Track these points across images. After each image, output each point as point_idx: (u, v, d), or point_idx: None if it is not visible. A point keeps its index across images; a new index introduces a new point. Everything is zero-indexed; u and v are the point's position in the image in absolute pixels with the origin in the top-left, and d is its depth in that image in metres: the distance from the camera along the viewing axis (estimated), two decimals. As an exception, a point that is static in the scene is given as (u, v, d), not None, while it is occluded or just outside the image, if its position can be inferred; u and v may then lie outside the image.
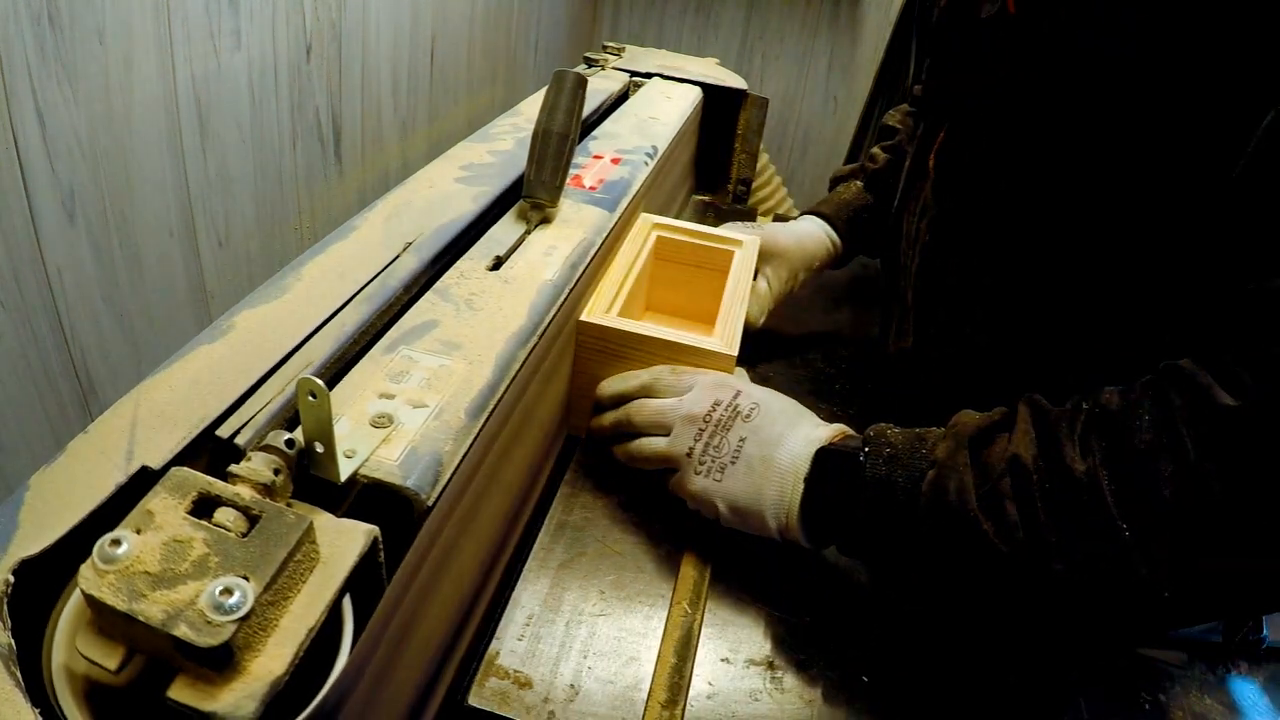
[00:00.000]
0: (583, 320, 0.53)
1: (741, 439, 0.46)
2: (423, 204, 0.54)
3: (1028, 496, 0.38)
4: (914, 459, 0.42)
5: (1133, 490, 0.35)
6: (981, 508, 0.39)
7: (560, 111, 0.55)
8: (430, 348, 0.40)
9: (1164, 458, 0.35)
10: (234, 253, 0.89)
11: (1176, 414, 0.35)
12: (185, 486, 0.26)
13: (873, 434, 0.44)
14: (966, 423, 0.42)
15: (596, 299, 0.55)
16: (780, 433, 0.46)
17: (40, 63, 0.62)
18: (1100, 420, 0.38)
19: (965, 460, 0.40)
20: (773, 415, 0.47)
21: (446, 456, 0.34)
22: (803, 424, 0.47)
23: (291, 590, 0.25)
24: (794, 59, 1.96)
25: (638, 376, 0.52)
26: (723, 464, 0.46)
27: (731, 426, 0.47)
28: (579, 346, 0.54)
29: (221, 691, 0.22)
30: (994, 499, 0.39)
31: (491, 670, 0.40)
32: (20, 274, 0.65)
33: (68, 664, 0.25)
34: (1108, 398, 0.38)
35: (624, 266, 0.60)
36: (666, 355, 0.52)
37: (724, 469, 0.46)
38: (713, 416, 0.47)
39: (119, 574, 0.23)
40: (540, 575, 0.46)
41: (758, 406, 0.47)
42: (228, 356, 0.36)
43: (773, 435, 0.46)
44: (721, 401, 0.48)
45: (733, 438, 0.46)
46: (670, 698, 0.40)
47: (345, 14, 0.98)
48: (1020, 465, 0.38)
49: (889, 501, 0.42)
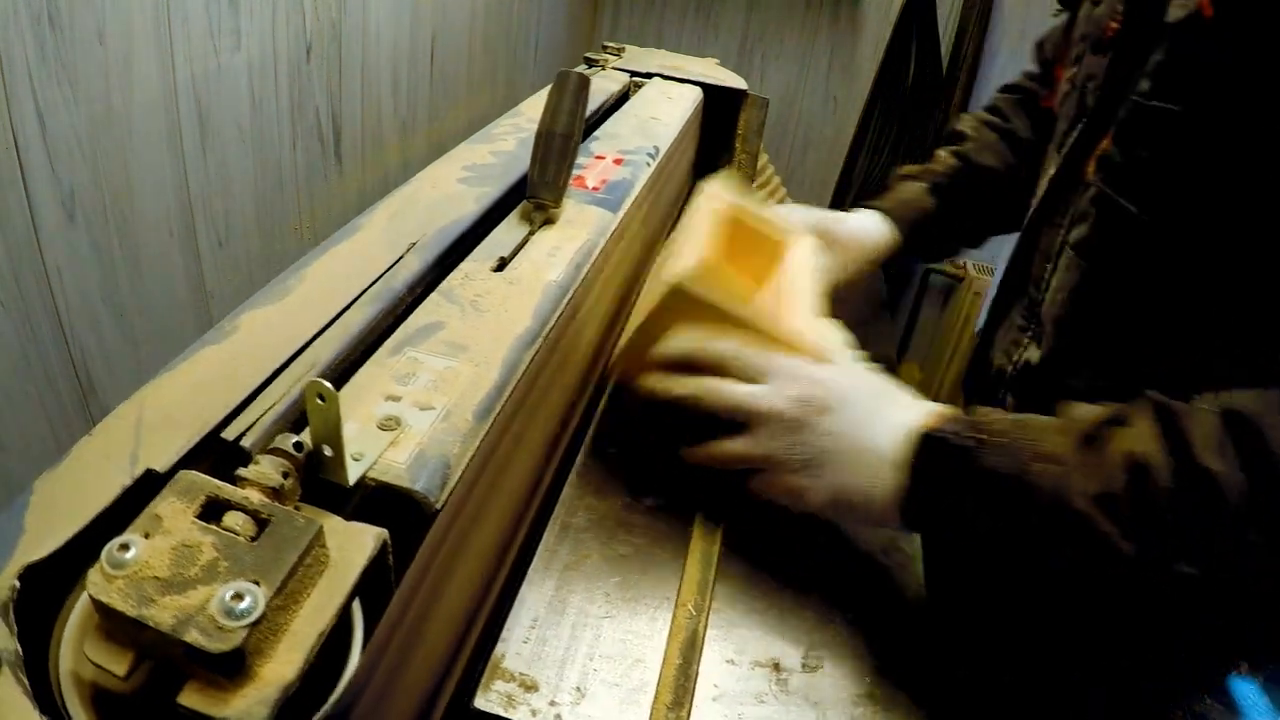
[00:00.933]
0: (683, 287, 0.49)
1: (829, 433, 0.45)
2: (426, 205, 0.54)
3: (1152, 497, 0.37)
4: (1023, 449, 0.40)
5: (1270, 495, 0.35)
6: (1102, 508, 0.38)
7: (563, 112, 0.55)
8: (436, 349, 0.40)
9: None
10: (234, 253, 0.88)
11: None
12: (194, 490, 0.26)
13: (979, 420, 0.42)
14: (1080, 417, 0.41)
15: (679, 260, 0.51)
16: (869, 422, 0.44)
17: (40, 63, 0.62)
18: (1235, 422, 0.36)
19: (1082, 458, 0.39)
20: (859, 403, 0.45)
21: (454, 459, 0.33)
22: (892, 408, 0.45)
23: (302, 594, 0.25)
24: (794, 59, 1.96)
25: (716, 346, 0.48)
26: (812, 461, 0.45)
27: (818, 422, 0.45)
28: (664, 308, 0.50)
29: (233, 697, 0.22)
30: (1111, 498, 0.38)
31: (497, 673, 0.40)
32: (20, 274, 0.65)
33: (75, 670, 0.25)
34: (1244, 398, 0.37)
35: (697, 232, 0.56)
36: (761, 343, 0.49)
37: (814, 467, 0.45)
38: (797, 414, 0.45)
39: (128, 579, 0.23)
40: (545, 577, 0.46)
41: (844, 396, 0.45)
42: (232, 358, 0.36)
43: (861, 426, 0.44)
44: (805, 396, 0.45)
45: (820, 433, 0.45)
46: (676, 700, 0.40)
47: (345, 14, 0.97)
48: (1143, 466, 0.37)
49: (996, 493, 0.40)
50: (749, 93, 1.00)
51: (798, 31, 1.93)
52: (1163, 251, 0.47)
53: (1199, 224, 0.44)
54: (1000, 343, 0.62)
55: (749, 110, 1.01)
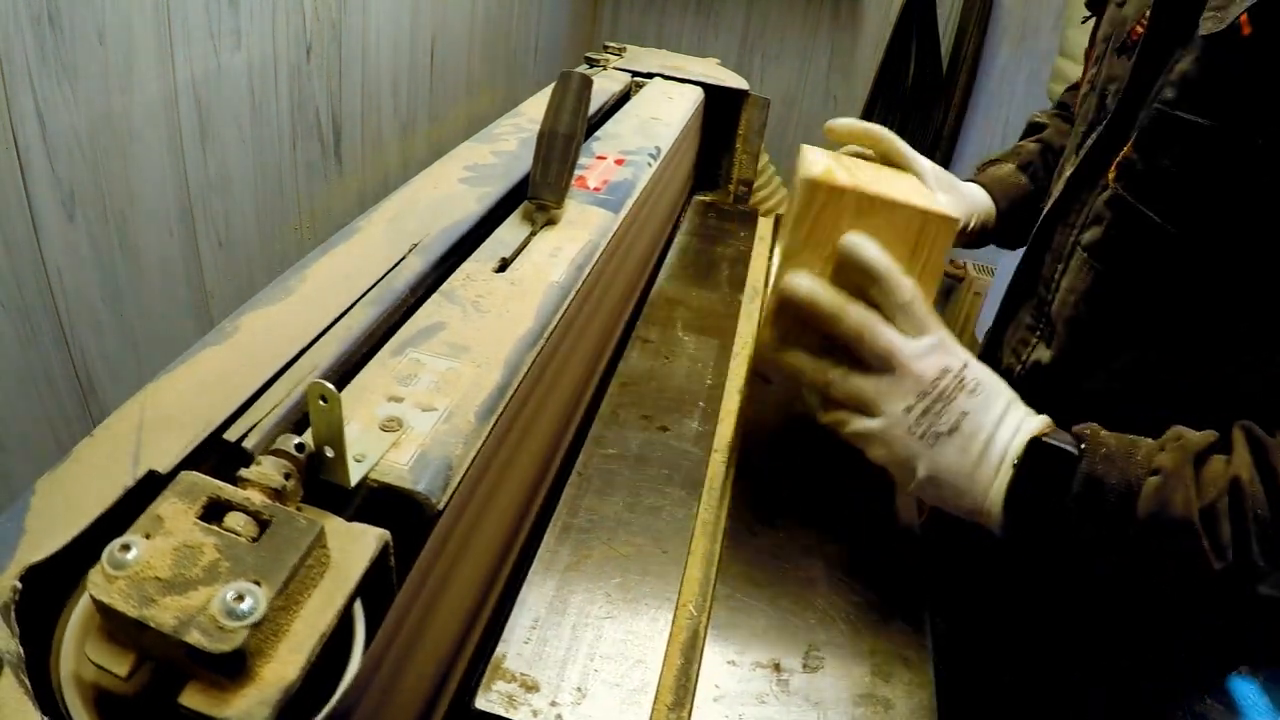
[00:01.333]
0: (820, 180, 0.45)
1: (964, 412, 0.45)
2: (427, 205, 0.54)
3: (1242, 519, 0.39)
4: (1130, 463, 0.42)
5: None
6: (1203, 522, 0.39)
7: (565, 112, 0.55)
8: (438, 350, 0.40)
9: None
10: (234, 253, 0.88)
11: None
12: (195, 491, 0.26)
13: (1088, 432, 0.44)
14: (1190, 439, 0.42)
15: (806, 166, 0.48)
16: (1001, 414, 0.45)
17: (40, 63, 0.62)
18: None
19: (1191, 475, 0.41)
20: (996, 395, 0.45)
21: (456, 460, 0.33)
22: (1019, 408, 0.46)
23: (303, 595, 0.25)
24: (794, 59, 1.96)
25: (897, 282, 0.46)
26: (939, 432, 0.45)
27: (957, 398, 0.45)
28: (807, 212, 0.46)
29: (234, 698, 0.22)
30: (1212, 516, 0.39)
31: (498, 673, 0.40)
32: (20, 274, 0.65)
33: (77, 671, 0.25)
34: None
35: None
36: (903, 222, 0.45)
37: (938, 437, 0.45)
38: (940, 383, 0.45)
39: (129, 579, 0.23)
40: (546, 578, 0.45)
41: (981, 384, 0.45)
42: (234, 359, 0.36)
43: (994, 415, 0.45)
44: (950, 369, 0.45)
45: (955, 408, 0.45)
46: (677, 700, 0.40)
47: (345, 14, 0.97)
48: (1239, 487, 0.39)
49: (1100, 501, 0.42)
50: (750, 93, 1.00)
51: (798, 31, 1.93)
52: (1183, 260, 0.47)
53: (1223, 236, 0.45)
54: (1009, 342, 0.62)
55: (750, 110, 1.01)
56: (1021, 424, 0.45)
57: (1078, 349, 0.54)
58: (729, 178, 1.06)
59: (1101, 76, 0.55)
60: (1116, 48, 0.54)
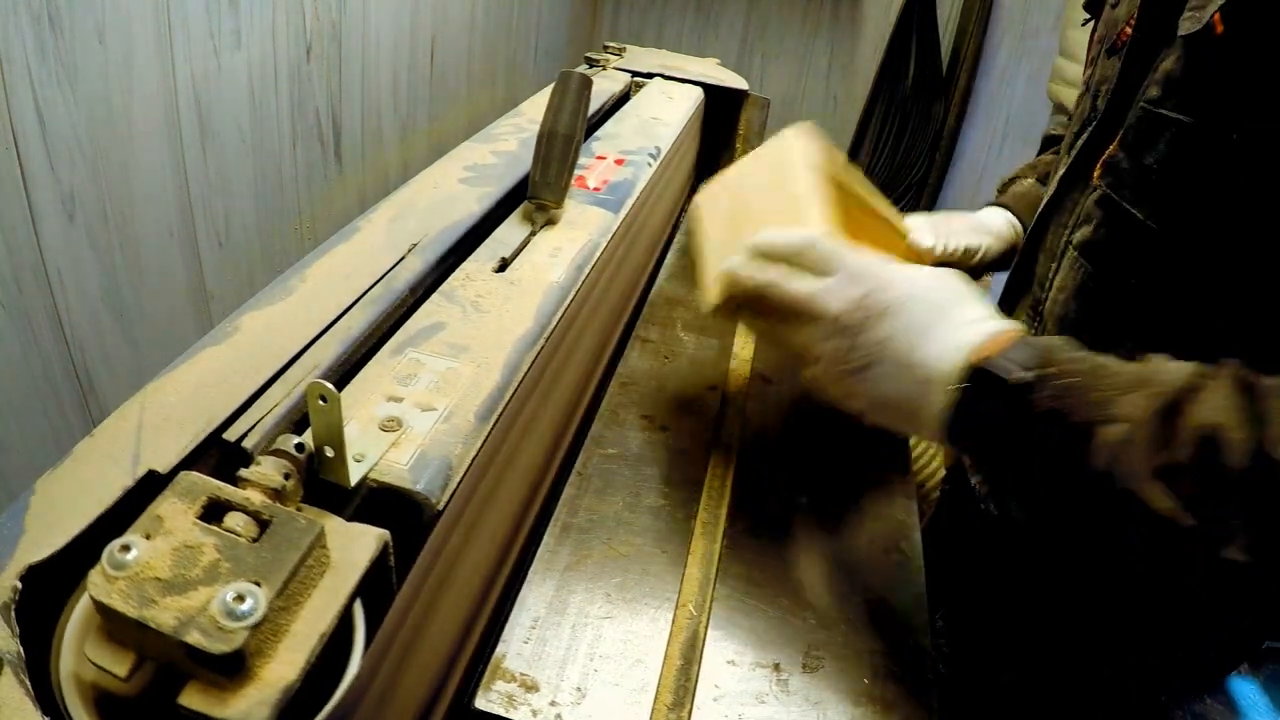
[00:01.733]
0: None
1: (880, 340, 0.43)
2: (427, 205, 0.54)
3: (1216, 474, 0.35)
4: (1096, 398, 0.37)
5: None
6: (1164, 480, 0.36)
7: (565, 113, 0.55)
8: (438, 350, 0.40)
9: None
10: (234, 253, 0.88)
11: None
12: (195, 491, 0.26)
13: (1047, 352, 0.39)
14: (1165, 381, 0.37)
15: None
16: (925, 334, 0.42)
17: (40, 63, 0.62)
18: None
19: (1152, 432, 0.36)
20: (919, 312, 0.43)
21: (456, 460, 0.33)
22: (953, 322, 0.42)
23: (303, 595, 0.25)
24: (794, 59, 1.96)
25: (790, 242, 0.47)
26: (860, 366, 0.43)
27: (872, 326, 0.43)
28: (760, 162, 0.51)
29: (234, 698, 0.22)
30: (1177, 471, 0.35)
31: (498, 673, 0.40)
32: (20, 274, 0.65)
33: (77, 671, 0.25)
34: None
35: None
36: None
37: (865, 369, 0.43)
38: (854, 317, 0.44)
39: (129, 580, 0.23)
40: (546, 578, 0.45)
41: (904, 302, 0.43)
42: (233, 359, 0.36)
43: (916, 336, 0.42)
44: (864, 299, 0.44)
45: (872, 337, 0.43)
46: (676, 700, 0.40)
47: (345, 14, 0.97)
48: (1214, 440, 0.35)
49: (1050, 442, 0.38)
50: (750, 93, 1.00)
51: (798, 31, 1.93)
52: (1168, 257, 0.47)
53: (1205, 233, 0.45)
54: None
55: (750, 110, 1.01)
56: (958, 339, 0.41)
57: None
58: (729, 178, 1.06)
59: (1095, 78, 0.56)
60: (1107, 49, 0.55)
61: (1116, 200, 0.49)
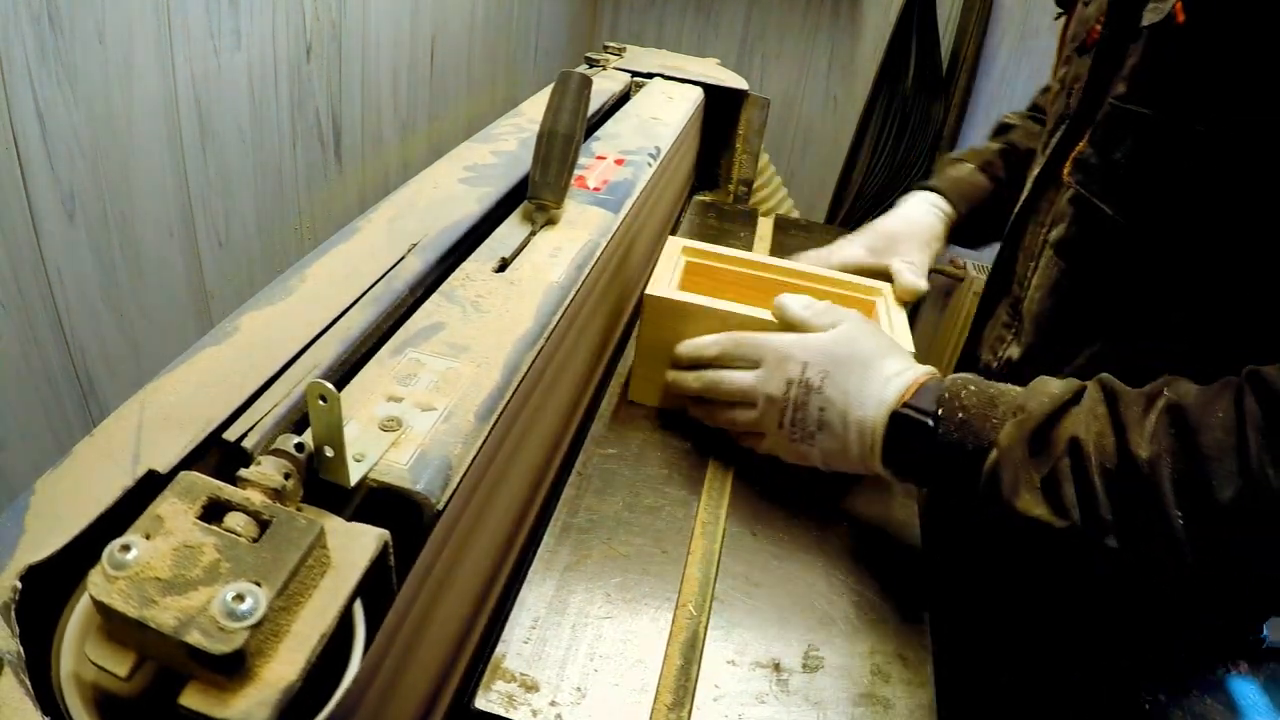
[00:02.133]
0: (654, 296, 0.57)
1: (820, 408, 0.49)
2: (427, 205, 0.54)
3: (1085, 477, 0.40)
4: (984, 426, 0.44)
5: (1194, 485, 0.37)
6: (1043, 490, 0.41)
7: (565, 112, 0.55)
8: (438, 350, 0.40)
9: (1229, 457, 0.36)
10: (234, 253, 0.88)
11: (1249, 418, 0.36)
12: (195, 491, 0.26)
13: (947, 395, 0.46)
14: (1034, 409, 0.43)
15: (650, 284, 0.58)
16: (853, 395, 0.48)
17: (40, 63, 0.61)
18: (1174, 411, 0.39)
19: (1023, 453, 0.42)
20: (844, 378, 0.49)
21: (456, 460, 0.33)
22: (873, 380, 0.48)
23: (303, 595, 0.25)
24: (794, 59, 1.96)
25: (710, 346, 0.55)
26: (810, 431, 0.50)
27: (809, 400, 0.50)
28: (648, 322, 0.58)
29: (234, 698, 0.22)
30: (1053, 480, 0.41)
31: (498, 673, 0.40)
32: (20, 274, 0.65)
33: (77, 671, 0.25)
34: (1184, 390, 0.39)
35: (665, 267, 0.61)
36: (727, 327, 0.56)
37: (813, 435, 0.50)
38: (790, 395, 0.50)
39: (129, 580, 0.23)
40: (546, 578, 0.45)
41: (827, 374, 0.49)
42: (233, 359, 0.36)
43: (847, 399, 0.49)
44: (793, 379, 0.50)
45: (813, 409, 0.50)
46: (676, 700, 0.40)
47: (345, 14, 0.97)
48: (1079, 447, 0.40)
49: (954, 470, 0.45)
50: (750, 93, 1.00)
51: (798, 31, 1.93)
52: (1137, 252, 0.48)
53: (1172, 227, 0.46)
54: (987, 339, 0.63)
55: (750, 110, 1.01)
56: (883, 395, 0.47)
57: (1045, 345, 0.55)
58: (729, 177, 1.06)
59: (1069, 76, 0.57)
60: (1078, 47, 0.55)
61: (1087, 197, 0.51)
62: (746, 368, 0.53)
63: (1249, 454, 0.35)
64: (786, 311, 0.54)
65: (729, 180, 1.06)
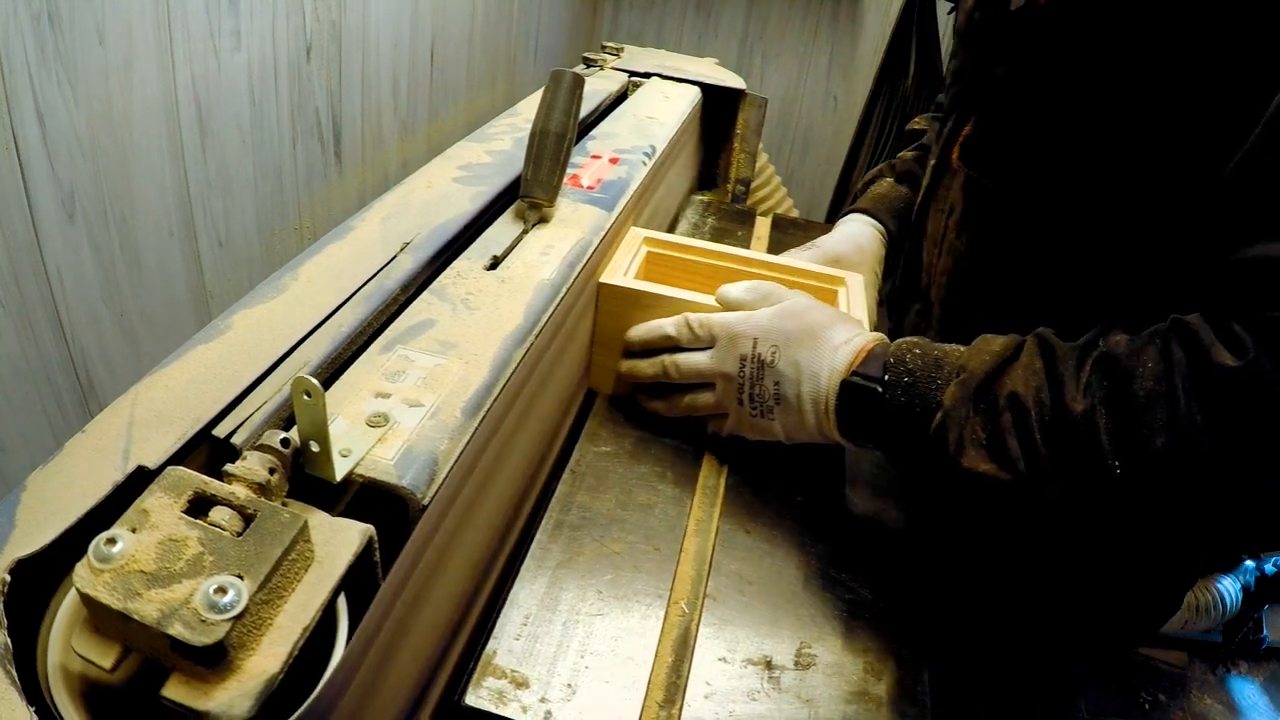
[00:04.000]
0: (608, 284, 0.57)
1: (775, 382, 0.50)
2: (420, 204, 0.54)
3: (1026, 430, 0.41)
4: (930, 388, 0.45)
5: (1127, 433, 0.38)
6: (988, 446, 0.42)
7: (557, 111, 0.55)
8: (427, 347, 0.40)
9: (1159, 406, 0.37)
10: (234, 253, 0.89)
11: (1176, 367, 0.37)
12: (181, 486, 0.26)
13: (893, 360, 0.47)
14: (975, 368, 0.44)
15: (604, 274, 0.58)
16: (805, 366, 0.49)
17: (40, 63, 0.62)
18: (1105, 363, 0.40)
19: (967, 411, 0.43)
20: (794, 351, 0.50)
21: (442, 455, 0.34)
22: (822, 350, 0.49)
23: (286, 589, 0.25)
24: (794, 59, 1.96)
25: (662, 327, 0.56)
26: (769, 406, 0.51)
27: (763, 376, 0.51)
28: (603, 311, 0.58)
29: (216, 690, 0.23)
30: (997, 435, 0.42)
31: (488, 669, 0.40)
32: (20, 274, 0.65)
33: (63, 663, 0.25)
34: (1116, 341, 0.41)
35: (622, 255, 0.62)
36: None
37: (771, 410, 0.51)
38: (745, 372, 0.51)
39: (114, 573, 0.23)
40: (537, 574, 0.46)
41: (777, 348, 0.50)
42: (224, 356, 0.36)
43: (799, 371, 0.50)
44: (746, 356, 0.51)
45: (768, 384, 0.51)
46: (667, 697, 0.40)
47: (345, 14, 0.98)
48: (1018, 401, 0.41)
49: (906, 432, 0.46)
50: (747, 92, 1.00)
51: (798, 31, 1.93)
52: (1028, 226, 0.50)
53: (1057, 198, 0.48)
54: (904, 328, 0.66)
55: (747, 109, 1.01)
56: (833, 364, 0.49)
57: (952, 327, 0.57)
58: (727, 177, 1.06)
59: (956, 67, 0.60)
60: (961, 38, 0.59)
61: (975, 177, 0.53)
62: (700, 348, 0.54)
63: (1179, 403, 0.36)
64: (728, 299, 0.55)
65: (727, 180, 1.06)
